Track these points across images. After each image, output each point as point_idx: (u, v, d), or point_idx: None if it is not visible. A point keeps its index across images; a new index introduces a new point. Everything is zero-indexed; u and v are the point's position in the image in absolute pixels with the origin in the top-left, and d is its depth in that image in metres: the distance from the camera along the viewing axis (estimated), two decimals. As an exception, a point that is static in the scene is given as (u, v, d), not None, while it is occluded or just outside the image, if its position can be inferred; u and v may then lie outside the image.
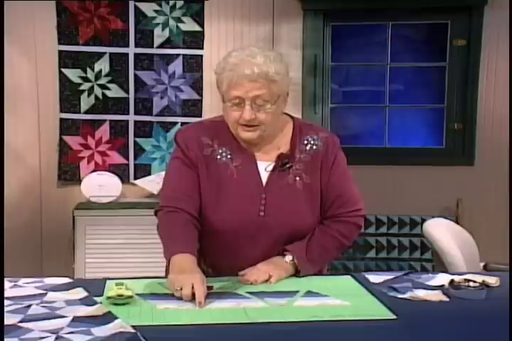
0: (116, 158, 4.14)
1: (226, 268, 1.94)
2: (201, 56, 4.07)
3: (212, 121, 2.08)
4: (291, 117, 2.09)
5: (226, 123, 1.98)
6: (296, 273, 1.93)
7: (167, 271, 1.94)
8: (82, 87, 4.06)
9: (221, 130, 2.00)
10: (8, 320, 1.46)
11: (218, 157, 1.98)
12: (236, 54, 1.88)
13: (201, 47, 4.06)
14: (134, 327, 1.43)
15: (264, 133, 1.93)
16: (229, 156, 1.98)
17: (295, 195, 1.97)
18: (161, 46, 4.06)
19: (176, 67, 4.07)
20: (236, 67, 1.84)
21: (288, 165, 1.98)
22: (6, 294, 1.68)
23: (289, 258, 1.94)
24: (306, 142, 2.02)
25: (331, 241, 2.00)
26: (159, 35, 4.05)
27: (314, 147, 2.02)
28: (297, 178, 1.98)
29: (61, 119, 4.08)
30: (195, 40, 4.06)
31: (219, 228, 1.94)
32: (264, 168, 1.98)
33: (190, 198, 1.95)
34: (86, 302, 1.61)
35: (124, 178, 4.07)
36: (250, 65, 1.83)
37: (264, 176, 1.97)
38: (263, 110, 1.87)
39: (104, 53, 4.04)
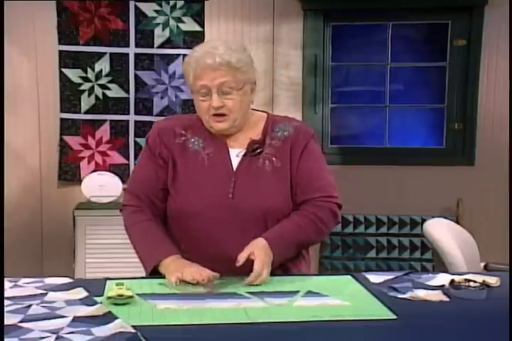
0: (116, 158, 4.14)
1: (200, 252, 1.94)
2: (201, 56, 4.06)
3: (190, 115, 2.19)
4: (267, 113, 2.15)
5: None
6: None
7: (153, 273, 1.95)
8: (82, 87, 4.06)
9: (196, 122, 2.07)
10: (9, 319, 1.46)
11: (190, 145, 2.04)
12: (199, 48, 1.98)
13: (201, 47, 4.05)
14: (134, 327, 1.43)
15: (235, 124, 1.99)
16: (201, 145, 2.04)
17: (263, 177, 1.99)
18: (162, 46, 4.07)
19: (177, 67, 4.07)
20: (199, 58, 1.93)
21: (259, 151, 2.02)
22: (7, 294, 1.67)
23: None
24: (277, 129, 2.07)
25: (306, 221, 1.97)
26: (159, 35, 4.06)
27: (285, 133, 2.06)
28: (266, 162, 2.01)
29: (61, 119, 4.08)
30: (196, 40, 4.05)
31: (189, 211, 1.97)
32: (236, 154, 2.03)
33: (153, 195, 2.04)
34: (86, 302, 1.61)
35: (124, 178, 4.07)
36: (212, 55, 1.91)
37: (236, 162, 2.02)
38: (230, 97, 1.94)
39: (105, 53, 4.05)
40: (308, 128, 2.14)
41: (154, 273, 1.92)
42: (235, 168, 2.00)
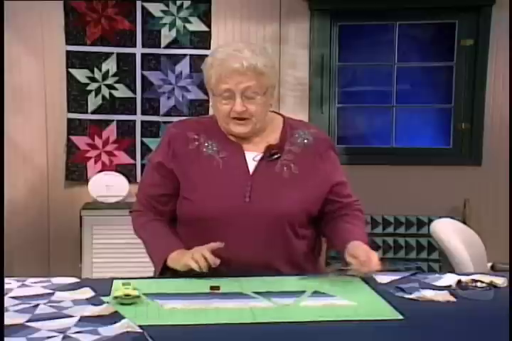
0: (123, 158, 4.15)
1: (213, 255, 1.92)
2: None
3: (201, 117, 2.19)
4: (282, 115, 2.13)
5: (214, 119, 2.04)
6: None
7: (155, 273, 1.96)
8: (89, 87, 4.07)
9: (209, 125, 2.04)
10: (16, 319, 1.47)
11: (204, 150, 2.00)
12: (222, 49, 1.94)
13: (208, 48, 4.05)
14: (140, 326, 1.43)
15: (255, 127, 1.97)
16: (215, 149, 2.01)
17: (281, 183, 1.97)
18: (168, 46, 4.07)
19: (183, 67, 4.08)
20: (224, 61, 1.89)
21: (276, 156, 2.00)
22: (14, 293, 1.68)
23: None
24: (297, 135, 2.05)
25: (362, 224, 2.10)
26: (166, 35, 4.06)
27: (305, 141, 2.05)
28: (285, 168, 1.99)
29: (68, 119, 4.09)
30: (202, 40, 4.06)
31: (206, 215, 1.95)
32: (252, 157, 2.00)
33: (153, 200, 2.05)
34: (93, 302, 1.62)
35: (130, 178, 4.08)
36: (238, 59, 1.87)
37: (252, 165, 1.99)
38: (253, 102, 1.91)
39: (112, 53, 4.05)
40: (325, 135, 2.15)
41: (165, 271, 1.92)
42: (251, 172, 1.98)
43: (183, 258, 1.85)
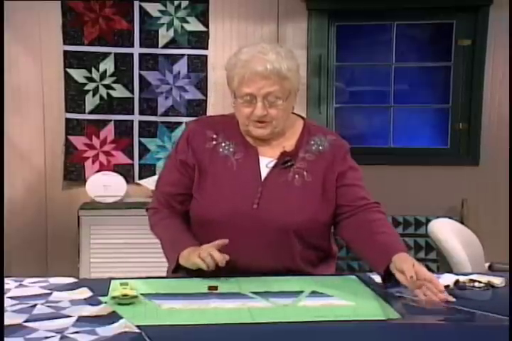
0: (120, 158, 4.14)
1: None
2: (206, 56, 4.07)
3: (222, 115, 2.12)
4: (303, 118, 2.10)
5: (235, 119, 2.00)
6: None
7: (169, 272, 1.95)
8: (87, 87, 4.07)
9: (229, 125, 2.01)
10: (13, 319, 1.47)
11: (221, 150, 1.99)
12: (247, 50, 1.89)
13: (206, 48, 4.06)
14: (138, 327, 1.43)
15: (275, 130, 1.94)
16: (231, 150, 1.99)
17: (291, 192, 1.95)
18: (166, 46, 4.07)
19: (181, 67, 4.08)
20: (248, 63, 1.85)
21: (289, 164, 1.98)
22: (12, 294, 1.68)
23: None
24: (312, 142, 2.03)
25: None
26: (164, 35, 4.06)
27: (320, 148, 2.02)
28: (296, 176, 1.97)
29: (66, 119, 4.08)
30: (200, 40, 4.06)
31: (212, 217, 1.94)
32: (266, 164, 1.98)
33: (171, 199, 2.03)
34: (91, 302, 1.61)
35: (128, 178, 4.08)
36: (262, 62, 1.83)
37: (264, 172, 1.97)
38: (275, 106, 1.88)
39: (109, 53, 4.05)
40: (343, 142, 2.10)
41: (179, 270, 1.91)
42: (263, 178, 1.96)
43: (192, 256, 1.83)
